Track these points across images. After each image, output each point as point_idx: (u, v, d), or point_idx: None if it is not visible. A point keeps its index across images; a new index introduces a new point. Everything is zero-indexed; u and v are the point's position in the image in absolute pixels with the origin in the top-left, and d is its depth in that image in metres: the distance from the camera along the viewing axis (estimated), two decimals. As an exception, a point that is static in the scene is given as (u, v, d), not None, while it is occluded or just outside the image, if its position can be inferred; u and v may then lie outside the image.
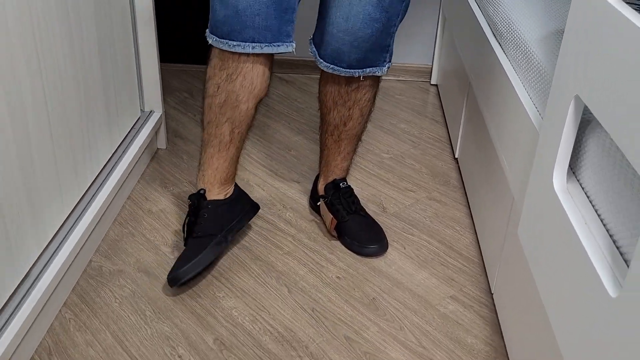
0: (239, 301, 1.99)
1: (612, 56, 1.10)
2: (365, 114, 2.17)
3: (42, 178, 1.80)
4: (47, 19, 1.77)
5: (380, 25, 1.91)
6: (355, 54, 1.96)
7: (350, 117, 2.16)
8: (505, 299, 1.87)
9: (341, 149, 2.25)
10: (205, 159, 2.11)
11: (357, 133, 2.22)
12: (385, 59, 2.02)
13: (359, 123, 2.19)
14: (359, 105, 2.13)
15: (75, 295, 1.99)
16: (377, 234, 2.24)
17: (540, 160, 1.41)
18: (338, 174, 2.30)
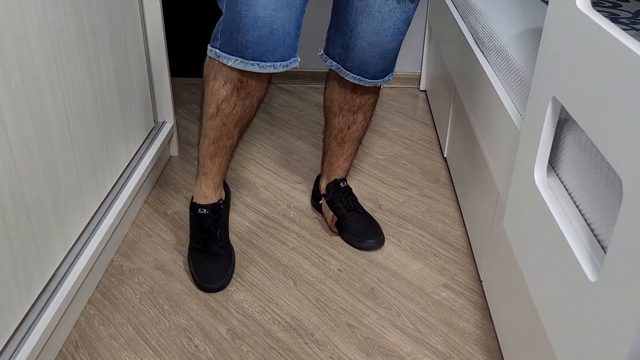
0: (248, 294, 1.99)
1: (584, 59, 1.10)
2: (367, 118, 2.15)
3: (66, 185, 1.80)
4: (65, 40, 1.77)
5: (403, 37, 1.90)
6: (381, 64, 1.93)
7: (354, 122, 2.14)
8: (493, 286, 1.87)
9: (344, 150, 2.23)
10: (214, 169, 2.01)
11: (359, 136, 2.20)
12: (390, 69, 1.99)
13: (362, 127, 2.17)
14: (363, 110, 2.11)
15: (98, 292, 1.99)
16: (374, 229, 2.24)
17: (522, 157, 1.41)
18: (339, 174, 2.30)
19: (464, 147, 2.39)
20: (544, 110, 1.28)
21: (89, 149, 1.95)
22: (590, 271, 1.05)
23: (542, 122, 1.28)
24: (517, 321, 1.61)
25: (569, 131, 1.30)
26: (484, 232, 2.01)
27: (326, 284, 2.05)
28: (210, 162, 1.98)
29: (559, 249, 1.17)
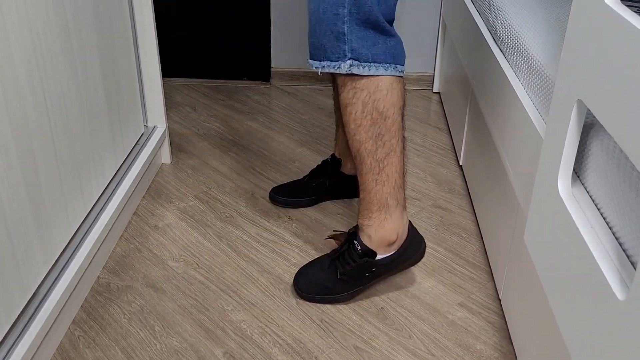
0: (247, 314, 1.99)
1: (613, 59, 1.10)
2: (361, 125, 1.83)
3: (48, 196, 1.80)
4: (48, 38, 1.77)
5: (320, 2, 1.74)
6: (311, 37, 1.83)
7: (346, 124, 1.91)
8: (513, 305, 1.87)
9: (356, 164, 1.99)
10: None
11: (358, 149, 1.88)
12: (343, 52, 1.76)
13: (355, 136, 1.87)
14: (346, 112, 1.85)
15: (83, 312, 1.99)
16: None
17: (545, 165, 1.41)
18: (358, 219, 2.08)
19: (481, 154, 2.39)
20: (569, 114, 1.28)
21: (73, 156, 1.95)
22: (618, 289, 1.05)
23: (567, 126, 1.29)
24: (539, 343, 1.61)
25: (596, 137, 1.30)
26: (503, 247, 2.02)
27: (331, 303, 2.05)
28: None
29: (584, 265, 1.17)
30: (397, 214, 1.95)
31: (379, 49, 1.77)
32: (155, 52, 2.56)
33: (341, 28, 1.74)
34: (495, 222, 2.14)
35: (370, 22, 1.74)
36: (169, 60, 3.63)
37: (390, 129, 1.84)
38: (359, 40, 1.75)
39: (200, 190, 2.62)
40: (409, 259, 2.04)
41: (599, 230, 1.20)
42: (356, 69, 1.77)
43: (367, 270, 2.00)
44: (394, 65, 1.80)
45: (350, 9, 1.71)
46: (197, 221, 2.42)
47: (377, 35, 1.77)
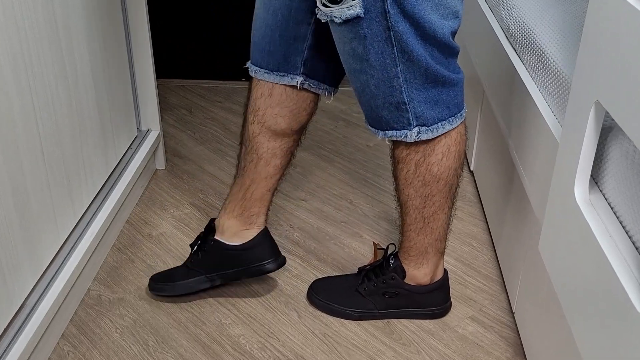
0: (246, 328, 2.00)
1: (633, 58, 1.10)
2: (411, 184, 1.84)
3: (36, 203, 1.81)
4: (35, 35, 1.78)
5: (369, 77, 1.70)
6: (365, 109, 1.80)
7: (395, 177, 1.90)
8: (527, 318, 1.87)
9: (400, 211, 1.98)
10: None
11: (405, 202, 1.90)
12: (408, 121, 1.73)
13: (404, 191, 1.88)
14: (397, 167, 1.86)
15: (73, 326, 1.99)
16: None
17: (561, 171, 1.41)
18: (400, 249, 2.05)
19: (493, 158, 2.39)
20: (586, 117, 1.28)
21: (62, 161, 1.96)
22: (638, 301, 1.05)
23: (584, 130, 1.29)
24: (555, 359, 1.61)
25: (614, 141, 1.30)
26: (516, 257, 2.02)
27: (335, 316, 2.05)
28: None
29: (602, 276, 1.17)
30: (434, 261, 1.98)
31: (443, 105, 1.74)
32: (149, 50, 2.56)
33: (400, 98, 1.71)
34: (508, 230, 2.14)
35: (430, 79, 1.69)
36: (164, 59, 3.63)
37: (442, 190, 1.85)
38: (422, 105, 1.72)
39: (196, 197, 2.62)
40: (430, 306, 2.04)
41: (617, 240, 1.20)
42: (424, 135, 1.75)
43: (388, 290, 2.00)
44: (458, 114, 1.79)
45: (405, 77, 1.67)
46: (193, 230, 2.42)
47: (438, 90, 1.73)
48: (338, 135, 3.11)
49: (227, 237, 2.03)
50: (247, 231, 2.03)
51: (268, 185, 2.01)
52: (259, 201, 2.01)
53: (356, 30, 1.62)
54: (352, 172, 2.82)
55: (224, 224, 2.03)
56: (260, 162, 1.97)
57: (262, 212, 2.04)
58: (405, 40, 1.61)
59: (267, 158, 1.96)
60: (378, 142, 2.97)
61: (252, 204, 2.01)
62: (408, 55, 1.63)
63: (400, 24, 1.59)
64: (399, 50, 1.63)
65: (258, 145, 1.95)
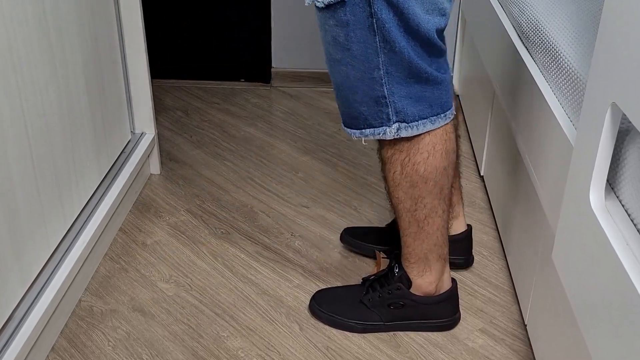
0: (245, 341, 2.00)
1: (650, 58, 1.10)
2: (399, 185, 1.86)
3: (25, 209, 1.81)
4: (24, 34, 1.78)
5: (349, 69, 1.72)
6: (343, 106, 1.83)
7: (384, 179, 1.94)
8: (540, 331, 1.87)
9: (395, 216, 2.01)
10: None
11: (397, 206, 1.92)
12: (387, 117, 1.76)
13: (393, 193, 1.90)
14: (385, 168, 1.90)
15: (63, 338, 1.99)
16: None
17: (575, 176, 1.42)
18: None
19: (504, 163, 2.39)
20: (602, 119, 1.28)
21: (52, 166, 1.96)
22: (657, 313, 1.05)
23: (600, 133, 1.29)
24: (570, 374, 1.61)
25: (632, 144, 1.30)
26: (528, 266, 2.02)
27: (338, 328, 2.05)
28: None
29: (618, 286, 1.17)
30: (437, 268, 1.98)
31: (426, 103, 1.76)
32: (143, 50, 2.57)
33: (380, 92, 1.73)
34: (520, 238, 2.14)
35: (412, 74, 1.71)
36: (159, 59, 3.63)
37: (432, 191, 1.86)
38: (403, 100, 1.74)
39: (193, 204, 2.62)
40: (439, 318, 2.04)
41: (634, 248, 1.20)
42: (404, 131, 1.77)
43: (394, 301, 2.00)
44: (442, 114, 1.79)
45: (387, 69, 1.69)
46: (189, 238, 2.43)
47: (421, 87, 1.74)
48: (342, 138, 3.11)
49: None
50: (452, 223, 2.17)
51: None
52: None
53: (339, 17, 1.65)
54: (357, 177, 2.82)
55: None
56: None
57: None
58: (388, 30, 1.64)
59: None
60: (383, 146, 2.97)
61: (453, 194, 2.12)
62: (390, 45, 1.66)
63: (384, 12, 1.62)
64: (382, 39, 1.65)
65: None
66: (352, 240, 2.36)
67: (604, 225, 1.26)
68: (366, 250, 2.33)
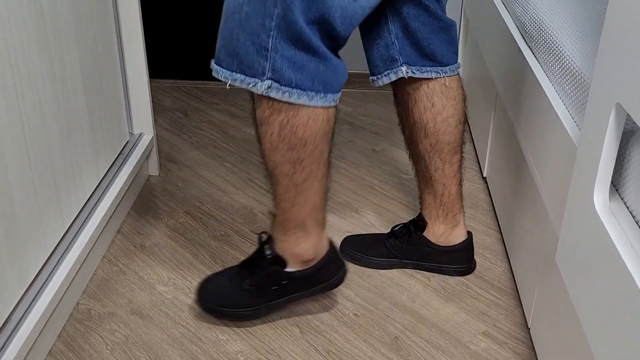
0: (245, 344, 2.00)
1: (655, 58, 1.10)
2: (277, 148, 1.82)
3: (21, 211, 1.81)
4: (22, 33, 1.78)
5: (245, 2, 1.66)
6: (223, 38, 1.73)
7: (260, 142, 1.90)
8: (544, 334, 1.87)
9: (270, 182, 2.01)
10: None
11: (273, 170, 1.88)
12: (262, 70, 1.69)
13: (270, 157, 1.86)
14: (261, 129, 1.84)
15: (61, 342, 1.99)
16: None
17: (579, 177, 1.42)
18: None
19: (507, 164, 2.39)
20: (606, 120, 1.28)
21: (49, 167, 1.96)
22: (662, 316, 1.05)
23: (604, 134, 1.29)
24: (574, 378, 1.61)
25: (637, 145, 1.30)
26: (532, 269, 2.02)
27: (339, 331, 2.05)
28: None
29: (624, 290, 1.17)
30: (314, 233, 1.97)
31: (306, 74, 1.70)
32: (141, 50, 2.57)
33: (265, 42, 1.66)
34: (523, 241, 2.14)
35: (302, 41, 1.66)
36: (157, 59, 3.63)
37: (312, 154, 1.81)
38: (283, 60, 1.68)
39: (192, 206, 2.62)
40: (325, 281, 2.05)
41: (639, 250, 1.20)
42: (274, 92, 1.70)
43: (276, 282, 2.01)
44: (322, 94, 1.73)
45: (278, 22, 1.64)
46: (188, 240, 2.43)
47: (307, 57, 1.69)
48: (343, 139, 3.11)
49: (437, 239, 2.26)
50: (452, 232, 2.24)
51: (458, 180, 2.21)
52: (457, 198, 2.22)
53: None
54: (358, 178, 2.82)
55: (434, 229, 2.26)
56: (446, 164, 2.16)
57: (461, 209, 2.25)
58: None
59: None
60: (385, 147, 2.97)
61: (453, 204, 2.22)
62: (288, 4, 1.62)
63: None
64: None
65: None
66: (355, 254, 2.36)
67: (608, 228, 1.26)
68: (373, 265, 2.34)
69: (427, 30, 1.97)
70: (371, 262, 2.32)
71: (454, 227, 2.24)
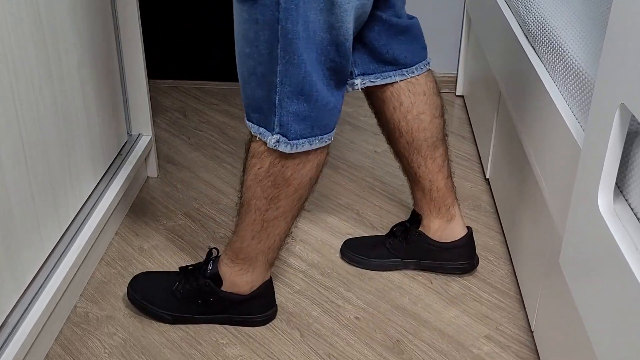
0: (244, 348, 2.00)
1: (660, 58, 1.10)
2: (260, 182, 1.85)
3: (18, 213, 1.81)
4: (18, 32, 1.78)
5: (257, 64, 1.73)
6: (246, 100, 1.83)
7: (244, 170, 1.94)
8: (548, 338, 1.87)
9: (239, 208, 2.05)
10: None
11: (248, 200, 1.91)
12: (272, 125, 1.77)
13: (250, 187, 1.89)
14: (250, 161, 1.88)
15: (58, 346, 1.99)
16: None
17: (583, 178, 1.41)
18: None
19: (510, 165, 2.39)
20: (610, 120, 1.28)
21: (47, 169, 1.96)
22: (668, 319, 1.05)
23: (608, 135, 1.29)
24: (578, 382, 1.61)
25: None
26: (535, 271, 2.01)
27: (340, 335, 2.05)
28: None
29: (628, 292, 1.17)
30: (260, 271, 2.01)
31: (309, 122, 1.76)
32: (140, 49, 2.56)
33: (273, 98, 1.74)
34: (526, 243, 2.14)
35: (305, 93, 1.72)
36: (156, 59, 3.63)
37: (291, 196, 1.87)
38: (289, 116, 1.75)
39: (191, 207, 2.62)
40: (249, 314, 2.07)
41: (645, 253, 1.20)
42: (283, 146, 1.77)
43: (202, 297, 2.03)
44: (319, 137, 1.80)
45: (282, 79, 1.70)
46: (187, 242, 2.43)
47: (309, 107, 1.75)
48: (344, 140, 3.11)
49: (435, 235, 2.25)
50: (449, 225, 2.24)
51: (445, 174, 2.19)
52: (446, 192, 2.21)
53: (251, 12, 1.66)
54: (359, 180, 2.82)
55: (429, 224, 2.25)
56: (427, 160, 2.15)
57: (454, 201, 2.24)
58: (290, 40, 1.65)
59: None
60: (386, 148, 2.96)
61: (443, 198, 2.21)
62: (290, 56, 1.67)
63: (290, 22, 1.63)
64: (282, 48, 1.66)
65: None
66: (355, 257, 2.36)
67: (613, 230, 1.26)
68: (374, 266, 2.33)
69: (383, 38, 1.96)
70: (372, 264, 2.30)
71: (449, 221, 2.23)
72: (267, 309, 2.08)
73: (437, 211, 2.22)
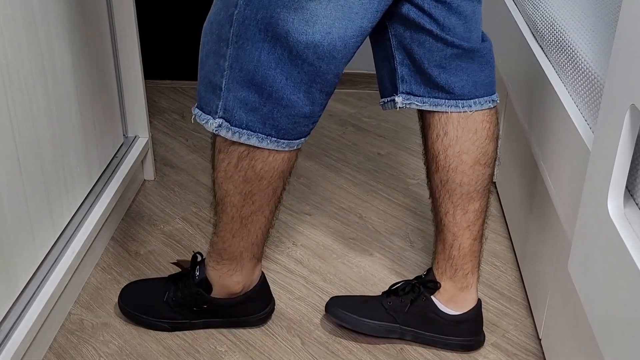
0: (244, 356, 2.00)
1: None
2: (231, 178, 1.84)
3: (11, 218, 1.81)
4: (11, 30, 1.78)
5: (207, 39, 1.76)
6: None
7: (214, 168, 1.93)
8: (556, 345, 1.87)
9: (215, 208, 2.03)
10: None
11: (222, 198, 1.91)
12: (216, 108, 1.77)
13: (222, 185, 1.88)
14: (218, 157, 1.88)
15: (52, 354, 1.99)
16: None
17: (592, 182, 1.41)
18: None
19: (517, 169, 2.39)
20: (621, 122, 1.28)
21: (40, 172, 1.96)
22: (679, 327, 1.05)
23: (618, 137, 1.29)
24: (587, 391, 1.61)
25: (652, 148, 1.30)
26: (543, 277, 2.01)
27: (342, 343, 2.05)
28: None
29: (639, 299, 1.17)
30: (248, 267, 2.00)
31: (258, 117, 1.71)
32: (136, 49, 2.56)
33: (219, 81, 1.72)
34: (534, 248, 2.14)
35: (255, 83, 1.67)
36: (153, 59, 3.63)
37: (265, 190, 1.84)
38: (235, 101, 1.71)
39: (188, 211, 2.62)
40: (249, 315, 2.07)
41: (656, 258, 1.20)
42: (224, 131, 1.74)
43: (197, 304, 2.03)
44: (274, 139, 1.74)
45: (231, 63, 1.67)
46: (185, 247, 2.43)
47: (260, 100, 1.70)
48: (347, 142, 3.11)
49: (443, 300, 2.01)
50: (460, 294, 2.00)
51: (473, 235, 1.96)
52: (469, 255, 1.98)
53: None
54: (362, 183, 2.82)
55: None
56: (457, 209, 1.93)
57: (475, 268, 2.00)
58: (246, 26, 1.63)
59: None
60: (390, 151, 2.97)
61: (463, 261, 1.97)
62: (242, 42, 1.65)
63: (248, 8, 1.62)
64: (235, 32, 1.64)
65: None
66: (344, 315, 2.08)
67: (623, 234, 1.26)
68: (366, 328, 2.06)
69: (436, 58, 1.78)
70: (364, 325, 2.04)
71: (462, 290, 1.99)
72: (263, 307, 2.09)
73: (452, 273, 1.98)
